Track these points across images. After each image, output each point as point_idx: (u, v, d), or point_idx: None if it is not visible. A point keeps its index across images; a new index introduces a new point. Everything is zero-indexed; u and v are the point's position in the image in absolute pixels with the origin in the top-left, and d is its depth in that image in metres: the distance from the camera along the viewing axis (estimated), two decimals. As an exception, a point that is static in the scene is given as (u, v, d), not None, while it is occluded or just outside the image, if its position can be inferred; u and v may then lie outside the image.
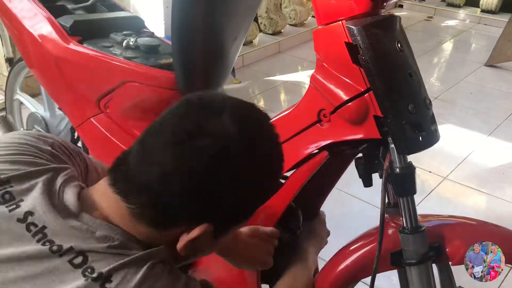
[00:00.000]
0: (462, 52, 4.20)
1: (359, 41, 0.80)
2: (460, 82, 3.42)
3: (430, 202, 2.16)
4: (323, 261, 1.07)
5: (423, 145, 0.84)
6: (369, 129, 0.84)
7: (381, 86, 0.80)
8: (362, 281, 1.02)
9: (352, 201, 2.12)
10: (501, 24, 3.90)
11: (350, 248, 1.01)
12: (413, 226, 0.88)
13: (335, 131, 0.88)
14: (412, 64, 0.85)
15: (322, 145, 0.91)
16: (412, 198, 0.89)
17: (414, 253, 0.89)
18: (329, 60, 0.86)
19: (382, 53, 0.81)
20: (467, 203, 2.20)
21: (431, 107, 0.87)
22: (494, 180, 2.35)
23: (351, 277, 1.00)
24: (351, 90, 0.83)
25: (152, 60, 1.24)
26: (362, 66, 0.81)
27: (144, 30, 1.46)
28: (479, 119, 2.92)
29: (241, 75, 3.34)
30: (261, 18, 3.86)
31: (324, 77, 0.87)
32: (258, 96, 3.19)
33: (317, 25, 0.86)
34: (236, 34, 1.15)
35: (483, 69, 3.64)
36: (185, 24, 1.04)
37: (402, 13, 4.89)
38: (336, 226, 1.92)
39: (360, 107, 0.83)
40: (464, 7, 4.93)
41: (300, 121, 0.93)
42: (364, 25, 0.80)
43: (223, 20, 1.08)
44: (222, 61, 1.14)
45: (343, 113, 0.85)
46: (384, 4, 0.84)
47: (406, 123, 0.81)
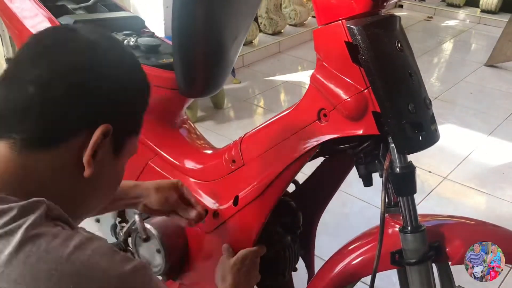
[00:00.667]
0: (462, 52, 4.20)
1: (359, 40, 0.80)
2: (460, 82, 3.42)
3: (430, 202, 2.16)
4: (322, 261, 1.08)
5: (423, 145, 0.84)
6: (368, 125, 0.84)
7: (381, 86, 0.80)
8: (362, 280, 1.02)
9: (352, 201, 2.12)
10: (501, 24, 3.90)
11: (350, 247, 1.02)
12: (413, 226, 0.89)
13: (334, 128, 0.88)
14: (412, 64, 0.85)
15: (321, 141, 0.91)
16: (412, 197, 0.89)
17: (414, 252, 0.89)
18: (329, 60, 0.86)
19: (382, 53, 0.81)
20: (467, 203, 2.20)
21: (431, 107, 0.87)
22: (494, 180, 2.35)
23: (351, 276, 1.00)
24: (351, 89, 0.83)
25: (152, 60, 1.24)
26: (362, 65, 0.81)
27: (145, 30, 1.46)
28: (479, 119, 2.92)
29: (241, 75, 3.34)
30: (261, 18, 3.87)
31: (324, 77, 0.87)
32: (258, 96, 3.19)
33: (317, 25, 0.86)
34: (236, 34, 1.15)
35: (483, 69, 3.64)
36: (186, 24, 1.04)
37: (402, 13, 4.89)
38: (336, 226, 1.93)
39: (359, 103, 0.83)
40: (464, 7, 4.93)
41: (300, 120, 0.93)
42: (364, 24, 0.80)
43: (223, 20, 1.08)
44: (222, 61, 1.14)
45: (342, 109, 0.85)
46: (384, 4, 0.84)
47: (406, 123, 0.81)
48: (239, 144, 1.07)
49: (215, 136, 2.57)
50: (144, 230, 1.17)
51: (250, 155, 1.04)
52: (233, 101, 3.06)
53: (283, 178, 0.99)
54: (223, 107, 2.95)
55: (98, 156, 0.65)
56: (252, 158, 1.04)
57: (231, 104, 3.03)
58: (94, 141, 0.64)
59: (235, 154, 1.07)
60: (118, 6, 1.57)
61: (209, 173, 1.15)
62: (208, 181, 1.15)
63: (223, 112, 2.94)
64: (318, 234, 1.27)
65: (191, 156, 1.23)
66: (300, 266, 1.25)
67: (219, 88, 1.23)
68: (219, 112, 2.91)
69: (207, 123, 2.76)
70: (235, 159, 1.07)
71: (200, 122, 2.76)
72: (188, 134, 1.32)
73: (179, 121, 1.33)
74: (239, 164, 1.07)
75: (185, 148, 1.27)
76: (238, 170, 1.07)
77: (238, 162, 1.07)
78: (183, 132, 1.32)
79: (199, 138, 1.34)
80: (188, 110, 2.53)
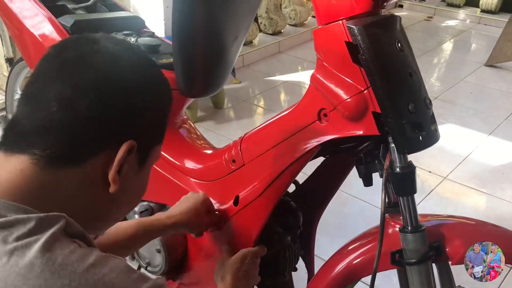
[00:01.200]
0: (462, 52, 4.20)
1: (360, 40, 0.80)
2: (460, 82, 3.42)
3: (430, 202, 2.16)
4: (322, 261, 1.08)
5: (423, 145, 0.84)
6: (368, 126, 0.84)
7: (381, 86, 0.80)
8: (362, 280, 1.02)
9: (352, 201, 2.12)
10: (501, 24, 3.90)
11: (350, 247, 1.02)
12: (413, 226, 0.88)
13: (334, 128, 0.88)
14: (412, 64, 0.85)
15: (321, 141, 0.91)
16: (412, 197, 0.89)
17: (414, 252, 0.89)
18: (330, 60, 0.86)
19: (382, 53, 0.81)
20: (467, 203, 2.20)
21: (431, 106, 0.87)
22: (494, 180, 2.35)
23: (351, 276, 1.00)
24: (352, 89, 0.83)
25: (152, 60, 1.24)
26: (363, 65, 0.81)
27: (145, 30, 1.46)
28: (479, 119, 2.92)
29: (241, 75, 3.34)
30: (261, 18, 3.87)
31: (324, 77, 0.87)
32: (258, 96, 3.19)
33: (318, 25, 0.86)
34: (236, 34, 1.15)
35: (483, 69, 3.64)
36: (186, 24, 1.04)
37: (402, 13, 4.89)
38: (336, 226, 1.93)
39: (359, 103, 0.83)
40: (464, 7, 4.93)
41: (300, 120, 0.93)
42: (364, 24, 0.80)
43: (223, 20, 1.08)
44: (222, 61, 1.14)
45: (342, 110, 0.85)
46: (384, 4, 0.84)
47: (406, 123, 0.81)
48: (239, 144, 1.07)
49: (215, 136, 2.57)
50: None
51: (250, 155, 1.04)
52: (233, 101, 3.06)
53: (284, 178, 0.99)
54: (223, 107, 2.95)
55: (123, 171, 0.65)
56: (252, 158, 1.04)
57: (231, 104, 3.03)
58: (119, 158, 0.63)
59: (235, 154, 1.07)
60: (118, 6, 1.57)
61: (209, 173, 1.15)
62: (208, 181, 1.15)
63: (223, 112, 2.94)
64: (318, 234, 1.27)
65: (191, 156, 1.23)
66: (300, 266, 1.25)
67: (219, 88, 1.23)
68: (219, 112, 2.91)
69: (207, 123, 2.76)
70: (235, 159, 1.07)
71: (200, 122, 2.76)
72: (188, 134, 1.32)
73: (179, 121, 1.33)
74: (239, 164, 1.07)
75: (185, 148, 1.27)
76: (238, 170, 1.07)
77: (238, 162, 1.07)
78: (183, 132, 1.32)
79: (199, 138, 1.34)
80: (188, 110, 2.53)
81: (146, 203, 1.27)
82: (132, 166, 0.67)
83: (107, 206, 0.69)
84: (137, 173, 0.69)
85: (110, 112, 0.62)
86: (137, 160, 0.67)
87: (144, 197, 1.28)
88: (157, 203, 1.27)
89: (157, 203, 1.27)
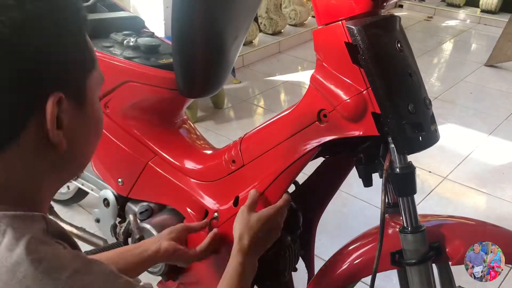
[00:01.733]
0: (462, 52, 4.20)
1: (359, 41, 0.80)
2: (460, 82, 3.42)
3: (430, 202, 2.16)
4: (322, 261, 1.08)
5: (423, 145, 0.84)
6: (367, 126, 0.84)
7: (381, 86, 0.80)
8: (362, 280, 1.02)
9: (352, 201, 2.12)
10: (501, 24, 3.90)
11: (350, 247, 1.02)
12: (413, 226, 0.88)
13: (334, 129, 0.88)
14: (412, 64, 0.85)
15: (321, 142, 0.91)
16: (412, 198, 0.89)
17: (414, 253, 0.89)
18: (329, 60, 0.86)
19: (382, 53, 0.81)
20: (467, 203, 2.20)
21: (431, 107, 0.87)
22: (494, 180, 2.35)
23: (351, 276, 1.00)
24: (351, 90, 0.83)
25: (152, 60, 1.24)
26: (362, 66, 0.81)
27: (144, 30, 1.46)
28: (479, 119, 2.92)
29: (241, 75, 3.34)
30: (261, 18, 3.87)
31: (324, 77, 0.87)
32: (258, 96, 3.19)
33: (317, 25, 0.86)
34: (236, 34, 1.15)
35: (483, 69, 3.64)
36: (185, 24, 1.04)
37: (402, 13, 4.89)
38: (336, 226, 1.93)
39: (358, 104, 0.83)
40: (464, 7, 4.93)
41: (300, 121, 0.93)
42: (364, 25, 0.80)
43: (223, 20, 1.08)
44: (222, 61, 1.14)
45: (341, 111, 0.85)
46: (384, 4, 0.84)
47: (406, 123, 0.81)
48: (239, 144, 1.07)
49: (215, 136, 2.57)
50: (138, 229, 1.17)
51: (250, 155, 1.04)
52: (233, 101, 3.06)
53: (284, 179, 0.99)
54: (223, 107, 2.95)
55: (64, 123, 0.57)
56: (252, 158, 1.04)
57: (231, 104, 3.03)
58: (50, 118, 0.55)
59: (235, 155, 1.07)
60: (118, 6, 1.57)
61: (209, 174, 1.15)
62: (208, 182, 1.15)
63: (223, 112, 2.94)
64: (318, 234, 1.27)
65: (191, 157, 1.23)
66: (300, 266, 1.25)
67: (219, 88, 1.23)
68: (219, 112, 2.91)
69: (207, 123, 2.76)
70: (235, 160, 1.07)
71: (200, 122, 2.76)
72: (188, 134, 1.32)
73: (179, 121, 1.32)
74: (239, 164, 1.07)
75: (185, 148, 1.26)
76: (238, 171, 1.07)
77: (238, 163, 1.07)
78: (183, 132, 1.32)
79: (199, 138, 1.34)
80: (188, 110, 2.52)
81: (146, 203, 1.27)
82: (72, 111, 0.58)
83: (69, 159, 0.61)
84: (81, 111, 0.60)
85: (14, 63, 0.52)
86: (73, 103, 0.58)
87: (144, 197, 1.29)
88: (157, 204, 1.27)
89: (157, 203, 1.27)
